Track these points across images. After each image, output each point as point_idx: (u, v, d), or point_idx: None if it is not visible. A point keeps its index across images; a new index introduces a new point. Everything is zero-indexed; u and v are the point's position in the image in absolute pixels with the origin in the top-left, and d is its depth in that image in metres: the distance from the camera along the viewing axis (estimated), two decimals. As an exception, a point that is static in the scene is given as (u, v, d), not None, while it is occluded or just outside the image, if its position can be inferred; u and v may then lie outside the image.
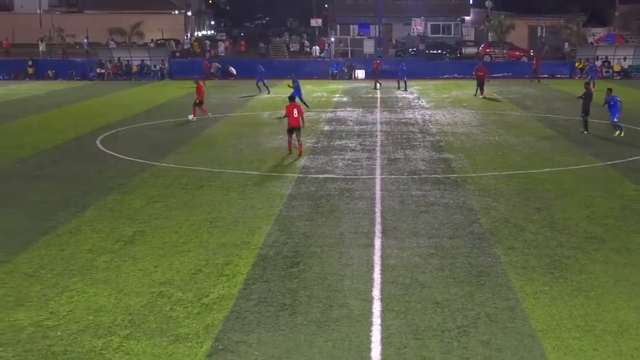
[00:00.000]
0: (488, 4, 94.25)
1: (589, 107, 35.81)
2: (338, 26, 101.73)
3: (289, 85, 46.12)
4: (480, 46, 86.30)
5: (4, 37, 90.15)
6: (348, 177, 26.74)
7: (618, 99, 34.85)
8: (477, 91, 54.39)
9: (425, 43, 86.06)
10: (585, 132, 35.56)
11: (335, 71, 73.48)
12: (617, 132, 34.38)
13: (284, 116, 31.01)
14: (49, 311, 14.43)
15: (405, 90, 59.88)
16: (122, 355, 12.48)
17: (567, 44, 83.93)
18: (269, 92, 56.71)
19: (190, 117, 41.34)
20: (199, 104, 41.93)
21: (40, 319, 14.05)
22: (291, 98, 31.83)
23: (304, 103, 44.13)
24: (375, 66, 65.14)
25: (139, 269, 16.80)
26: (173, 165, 28.60)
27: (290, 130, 30.71)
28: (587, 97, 35.79)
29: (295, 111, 30.45)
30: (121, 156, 30.78)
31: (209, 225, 20.47)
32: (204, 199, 23.42)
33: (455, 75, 73.00)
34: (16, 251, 18.16)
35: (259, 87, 58.17)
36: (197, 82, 42.75)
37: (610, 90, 35.76)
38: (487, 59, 79.42)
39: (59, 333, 13.40)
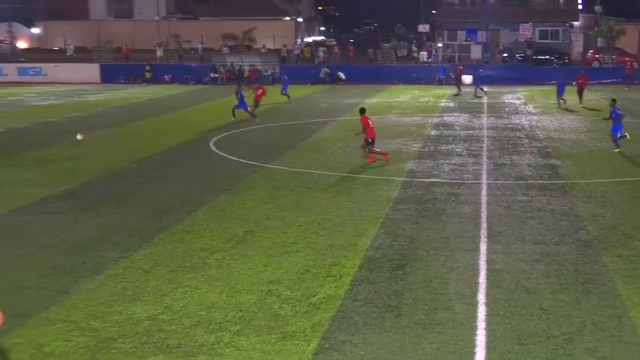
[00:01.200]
0: (597, 9, 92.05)
1: None
2: (445, 32, 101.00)
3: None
4: (589, 51, 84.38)
5: (124, 43, 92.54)
6: (454, 181, 26.54)
7: (621, 112, 33.33)
8: (579, 99, 52.59)
9: (532, 48, 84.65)
10: None
11: (442, 76, 72.91)
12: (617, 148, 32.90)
13: (361, 131, 30.24)
14: (164, 306, 14.77)
15: (476, 97, 58.73)
16: (233, 351, 12.67)
17: None
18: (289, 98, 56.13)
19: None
20: (255, 105, 44.35)
21: (155, 313, 14.38)
22: (362, 110, 31.02)
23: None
24: (458, 71, 64.46)
25: (249, 268, 17.03)
26: (282, 168, 28.87)
27: (372, 142, 30.05)
28: None
29: (370, 122, 30.04)
30: (233, 158, 31.22)
31: (317, 226, 20.60)
32: (313, 201, 23.57)
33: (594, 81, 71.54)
34: (134, 248, 18.63)
35: (286, 94, 56.54)
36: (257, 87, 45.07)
37: (614, 100, 34.57)
38: (595, 64, 77.70)
39: (173, 327, 13.70)
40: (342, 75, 73.90)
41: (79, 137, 29.23)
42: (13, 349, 12.77)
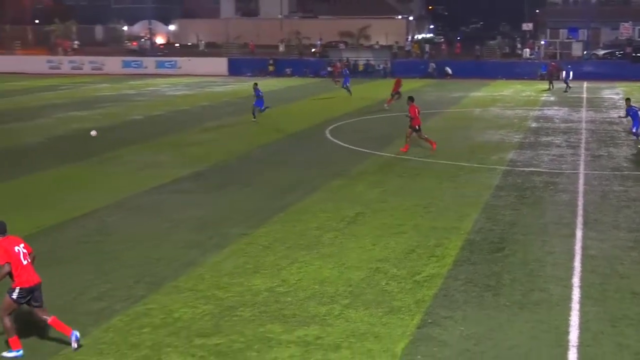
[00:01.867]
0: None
1: None
2: (548, 30, 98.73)
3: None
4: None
5: (250, 39, 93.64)
6: (553, 171, 26.01)
7: (637, 109, 31.77)
8: None
9: (632, 46, 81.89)
10: None
11: (543, 72, 71.28)
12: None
13: (411, 117, 29.38)
14: (281, 279, 14.95)
15: (566, 91, 56.87)
16: (342, 322, 12.75)
17: None
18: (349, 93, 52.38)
19: (385, 105, 44.39)
20: (395, 95, 44.73)
21: (273, 285, 14.58)
22: (410, 99, 30.24)
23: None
24: (550, 68, 62.43)
25: (359, 247, 17.08)
26: (391, 155, 28.81)
27: (418, 128, 29.37)
28: None
29: (417, 110, 29.38)
30: (346, 145, 31.30)
31: (422, 210, 20.50)
32: (419, 187, 23.46)
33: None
34: (255, 225, 18.91)
35: (347, 89, 52.58)
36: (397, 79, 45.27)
37: (628, 100, 33.27)
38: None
39: (289, 299, 13.87)
40: (449, 70, 73.12)
41: (93, 133, 28.84)
42: (147, 313, 13.16)
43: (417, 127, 29.30)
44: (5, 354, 11.29)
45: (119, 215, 20.03)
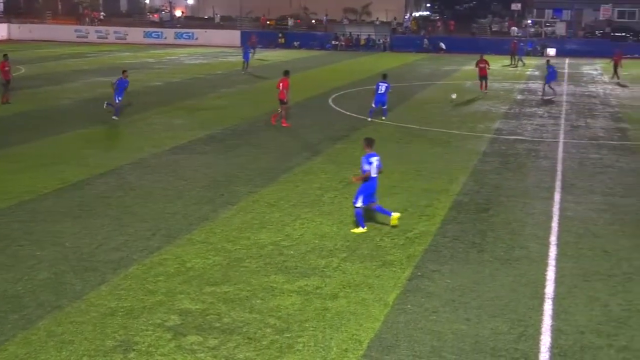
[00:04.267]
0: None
1: None
2: (535, 10, 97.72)
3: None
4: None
5: (261, 13, 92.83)
6: (535, 139, 25.90)
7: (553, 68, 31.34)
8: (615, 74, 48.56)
9: (611, 26, 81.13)
10: None
11: (529, 49, 70.79)
12: None
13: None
14: (285, 234, 14.94)
15: (516, 67, 56.86)
16: (340, 274, 12.76)
17: None
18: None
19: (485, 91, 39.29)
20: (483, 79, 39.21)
21: (277, 240, 14.57)
22: (285, 72, 27.93)
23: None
24: (512, 45, 60.98)
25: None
26: (389, 122, 28.66)
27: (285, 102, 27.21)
28: None
29: (287, 84, 27.15)
30: (348, 113, 31.16)
31: (415, 173, 20.44)
32: (413, 152, 23.38)
33: (637, 55, 68.72)
34: (262, 185, 18.87)
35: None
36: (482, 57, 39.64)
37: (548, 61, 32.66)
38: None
39: (291, 252, 13.86)
40: (442, 45, 72.65)
41: (453, 96, 27.58)
42: (162, 263, 13.16)
43: (284, 100, 27.33)
44: None
45: (139, 173, 19.98)
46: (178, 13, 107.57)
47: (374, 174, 14.94)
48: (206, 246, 14.12)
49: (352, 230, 15.05)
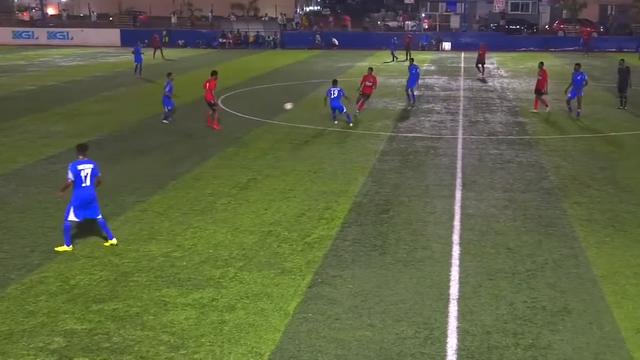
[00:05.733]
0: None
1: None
2: (428, 3, 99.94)
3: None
4: (555, 22, 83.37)
5: (142, 11, 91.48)
6: (434, 136, 26.49)
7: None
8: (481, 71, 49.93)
9: (505, 19, 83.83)
10: None
11: (424, 43, 72.42)
12: None
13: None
14: (176, 244, 14.77)
15: (393, 60, 58.39)
16: (237, 284, 12.71)
17: None
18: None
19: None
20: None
21: (168, 251, 14.39)
22: (213, 72, 28.64)
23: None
24: (407, 40, 62.60)
25: (252, 211, 17.02)
26: (283, 123, 28.75)
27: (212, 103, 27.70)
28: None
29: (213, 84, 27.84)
30: (239, 114, 31.07)
31: (312, 175, 20.57)
32: (309, 153, 23.51)
33: (532, 48, 71.27)
34: (150, 193, 18.59)
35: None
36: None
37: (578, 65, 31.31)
38: (560, 34, 77.13)
39: (184, 263, 13.72)
40: (335, 41, 73.34)
41: (288, 106, 27.27)
42: (43, 281, 12.78)
43: (211, 102, 27.58)
44: None
45: (13, 186, 19.36)
46: (51, 11, 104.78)
47: (86, 184, 14.34)
48: (91, 261, 13.79)
49: (55, 249, 14.40)
